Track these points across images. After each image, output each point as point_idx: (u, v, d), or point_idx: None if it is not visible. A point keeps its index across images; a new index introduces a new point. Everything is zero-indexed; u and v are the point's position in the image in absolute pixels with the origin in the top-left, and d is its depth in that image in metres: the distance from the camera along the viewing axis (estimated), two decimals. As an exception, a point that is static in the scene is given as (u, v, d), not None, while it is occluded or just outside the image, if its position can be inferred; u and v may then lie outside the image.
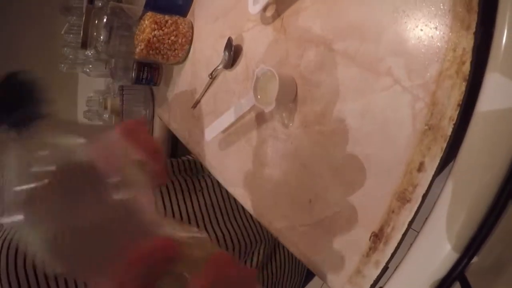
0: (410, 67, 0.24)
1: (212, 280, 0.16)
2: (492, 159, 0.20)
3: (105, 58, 0.68)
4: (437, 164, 0.22)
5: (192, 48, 0.49)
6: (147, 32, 0.46)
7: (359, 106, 0.26)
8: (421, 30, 0.24)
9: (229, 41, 0.39)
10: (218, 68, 0.41)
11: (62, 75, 0.79)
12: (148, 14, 0.47)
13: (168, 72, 0.57)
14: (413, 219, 0.23)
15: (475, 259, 0.21)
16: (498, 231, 0.21)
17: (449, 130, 0.21)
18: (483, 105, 0.21)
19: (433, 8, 0.23)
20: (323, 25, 0.30)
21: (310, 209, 0.29)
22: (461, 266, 0.21)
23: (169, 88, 0.56)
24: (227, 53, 0.39)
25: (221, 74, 0.42)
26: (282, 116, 0.32)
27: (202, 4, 0.49)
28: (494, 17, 0.21)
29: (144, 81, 0.58)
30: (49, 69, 0.77)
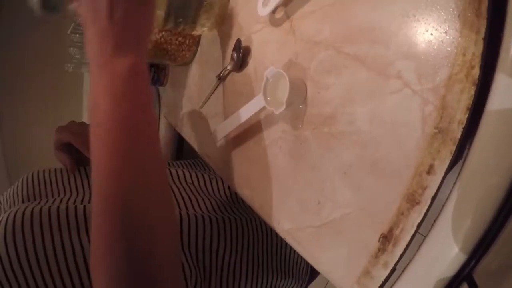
0: (420, 71, 0.24)
1: None
2: (500, 161, 0.20)
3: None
4: (447, 167, 0.22)
5: (200, 50, 0.50)
6: (155, 33, 0.47)
7: (369, 109, 0.27)
8: (431, 35, 0.24)
9: (238, 43, 0.39)
10: (226, 70, 0.42)
11: (68, 75, 0.80)
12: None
13: (175, 73, 0.57)
14: (422, 221, 0.23)
15: (483, 260, 0.21)
16: (507, 233, 0.21)
17: (459, 133, 0.22)
18: (492, 108, 0.21)
19: (443, 13, 0.24)
20: (333, 28, 0.30)
21: (319, 211, 0.30)
22: (469, 268, 0.21)
23: (176, 89, 0.56)
24: (236, 55, 0.39)
25: (229, 76, 0.43)
26: (291, 118, 0.33)
27: (210, 6, 0.49)
28: (503, 22, 0.21)
29: (151, 82, 0.58)
30: (55, 69, 0.77)
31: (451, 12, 0.23)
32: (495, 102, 0.21)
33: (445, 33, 0.23)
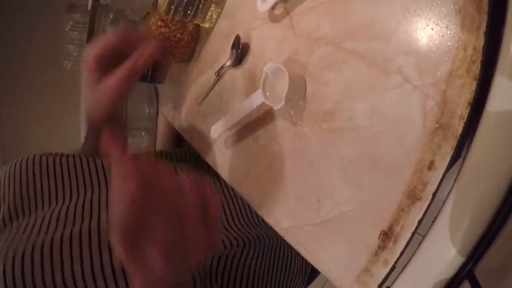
0: (421, 66, 0.24)
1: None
2: (499, 163, 0.20)
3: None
4: (448, 162, 0.22)
5: (198, 46, 0.50)
6: (153, 30, 0.46)
7: (369, 105, 0.26)
8: (432, 30, 0.24)
9: (237, 39, 0.39)
10: (225, 66, 0.41)
11: (67, 73, 0.79)
12: (155, 12, 0.47)
13: (173, 70, 0.57)
14: (423, 217, 0.23)
15: (484, 259, 0.21)
16: (507, 231, 0.21)
17: (460, 129, 0.22)
18: (492, 106, 0.21)
19: (444, 8, 0.23)
20: (332, 24, 0.30)
21: (318, 208, 0.29)
22: (467, 269, 0.21)
23: (174, 86, 0.56)
24: (235, 51, 0.39)
25: (228, 72, 0.42)
26: (290, 114, 0.32)
27: (209, 3, 0.49)
28: (504, 17, 0.21)
29: (149, 79, 0.58)
30: (53, 67, 0.77)
31: (452, 7, 0.23)
32: (496, 100, 0.21)
33: (446, 28, 0.23)
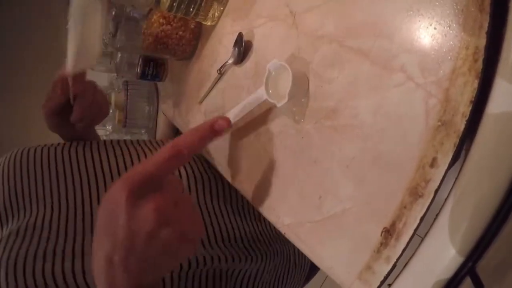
0: (424, 64, 0.24)
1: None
2: (500, 162, 0.20)
3: (111, 51, 0.68)
4: (450, 160, 0.22)
5: (200, 44, 0.50)
6: (155, 27, 0.46)
7: (372, 102, 0.26)
8: (435, 29, 0.24)
9: (240, 37, 0.39)
10: (227, 64, 0.41)
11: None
12: (157, 9, 0.47)
13: (174, 68, 0.57)
14: (425, 215, 0.23)
15: (484, 258, 0.21)
16: (507, 230, 0.21)
17: (462, 126, 0.22)
18: (493, 107, 0.21)
19: (446, 8, 0.24)
20: (336, 22, 0.30)
21: (320, 205, 0.30)
22: (467, 268, 0.21)
23: (175, 84, 0.56)
24: (237, 49, 0.39)
25: (230, 70, 0.42)
26: (293, 112, 0.32)
27: (211, 1, 0.49)
28: (506, 18, 0.21)
29: (150, 77, 0.58)
30: (54, 64, 0.76)
31: (455, 7, 0.23)
32: (496, 100, 0.21)
33: (449, 27, 0.23)
